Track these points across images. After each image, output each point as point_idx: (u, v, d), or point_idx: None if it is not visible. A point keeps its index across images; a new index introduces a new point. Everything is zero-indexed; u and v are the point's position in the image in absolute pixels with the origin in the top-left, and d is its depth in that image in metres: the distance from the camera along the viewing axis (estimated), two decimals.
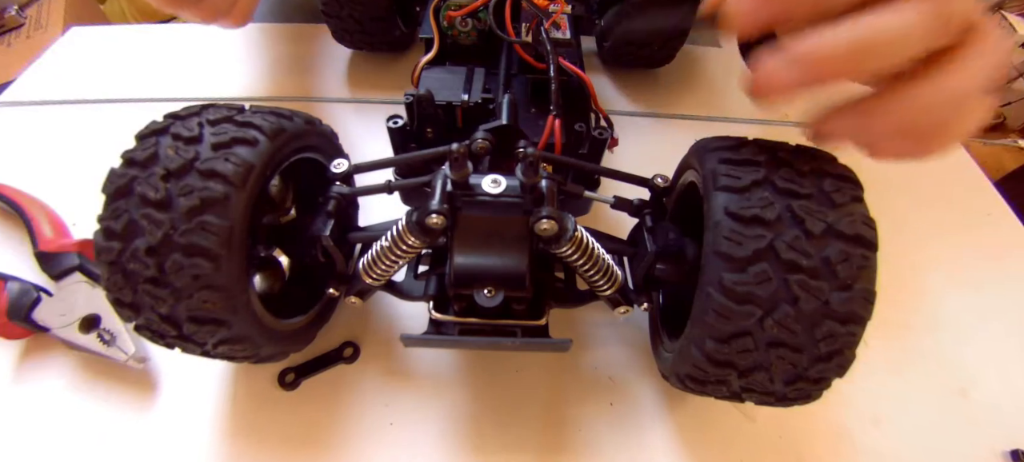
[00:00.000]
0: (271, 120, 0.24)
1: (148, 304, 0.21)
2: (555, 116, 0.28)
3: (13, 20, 1.02)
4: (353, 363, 0.31)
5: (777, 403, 0.23)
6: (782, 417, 0.30)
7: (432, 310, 0.27)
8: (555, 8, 0.33)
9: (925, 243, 0.39)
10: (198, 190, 0.20)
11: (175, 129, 0.22)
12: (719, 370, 0.21)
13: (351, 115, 0.46)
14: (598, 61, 0.50)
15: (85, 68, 0.50)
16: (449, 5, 0.34)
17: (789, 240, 0.19)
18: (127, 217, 0.21)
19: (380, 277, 0.26)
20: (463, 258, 0.24)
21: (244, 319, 0.23)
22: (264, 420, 0.29)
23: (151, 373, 0.31)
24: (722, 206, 0.20)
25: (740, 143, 0.23)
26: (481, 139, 0.26)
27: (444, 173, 0.24)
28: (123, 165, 0.21)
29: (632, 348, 0.32)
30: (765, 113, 0.47)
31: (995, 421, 0.31)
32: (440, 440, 0.29)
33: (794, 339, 0.20)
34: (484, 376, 0.31)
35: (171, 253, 0.20)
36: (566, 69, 0.31)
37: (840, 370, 0.21)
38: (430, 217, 0.23)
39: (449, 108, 0.31)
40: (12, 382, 0.30)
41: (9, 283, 0.31)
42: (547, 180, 0.23)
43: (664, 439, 0.29)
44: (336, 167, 0.27)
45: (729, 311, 0.20)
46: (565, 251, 0.24)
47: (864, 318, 0.20)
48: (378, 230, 0.27)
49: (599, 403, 0.30)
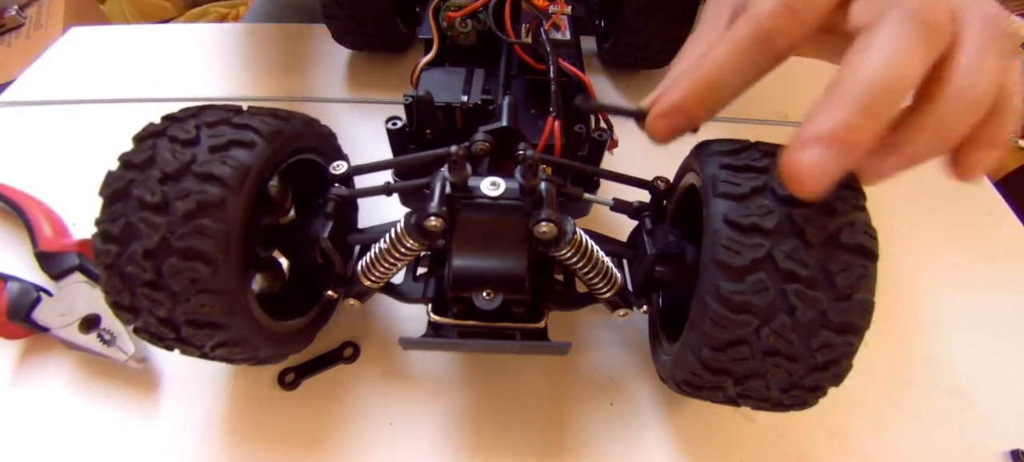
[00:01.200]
0: (269, 122, 0.24)
1: (146, 307, 0.21)
2: (555, 118, 0.28)
3: (13, 20, 1.02)
4: (353, 363, 0.31)
5: (773, 408, 0.23)
6: (782, 418, 0.29)
7: (431, 312, 0.26)
8: (555, 9, 0.33)
9: (925, 242, 0.39)
10: (195, 193, 0.20)
11: (172, 131, 0.22)
12: (715, 377, 0.21)
13: (350, 116, 0.46)
14: (598, 62, 0.50)
15: (85, 68, 0.50)
16: (449, 6, 0.34)
17: (787, 250, 0.19)
18: (124, 220, 0.21)
19: (379, 279, 0.26)
20: (462, 260, 0.24)
21: (242, 322, 0.23)
22: (264, 420, 0.29)
23: (151, 373, 0.31)
24: (721, 213, 0.20)
25: (741, 147, 0.23)
26: (480, 141, 0.26)
27: (443, 175, 0.24)
28: (120, 168, 0.21)
29: (631, 350, 0.32)
30: (765, 114, 0.47)
31: (995, 421, 0.31)
32: (440, 440, 0.29)
33: (790, 349, 0.20)
34: (484, 377, 0.31)
35: (168, 257, 0.20)
36: (566, 70, 0.31)
37: (836, 379, 0.21)
38: (429, 219, 0.22)
39: (448, 109, 0.31)
40: (12, 382, 0.30)
41: (9, 283, 0.31)
42: (546, 182, 0.23)
43: (664, 440, 0.29)
44: (335, 169, 0.27)
45: (726, 320, 0.20)
46: (564, 254, 0.24)
47: (862, 328, 0.19)
48: (377, 232, 0.27)
49: (599, 404, 0.30)
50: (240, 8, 1.05)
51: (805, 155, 0.17)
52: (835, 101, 0.17)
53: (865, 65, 0.17)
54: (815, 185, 0.17)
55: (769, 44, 0.19)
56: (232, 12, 1.06)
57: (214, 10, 1.07)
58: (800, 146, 0.17)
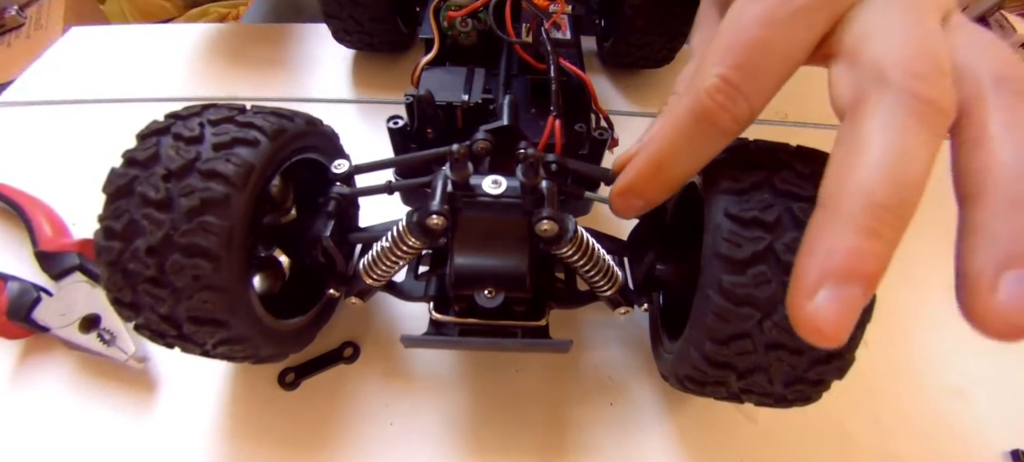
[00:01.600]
0: (272, 120, 0.24)
1: (148, 304, 0.21)
2: (555, 117, 0.28)
3: (13, 20, 1.02)
4: (353, 363, 0.31)
5: (776, 404, 0.23)
6: (782, 418, 0.30)
7: (432, 311, 0.27)
8: (555, 8, 0.33)
9: (925, 242, 0.39)
10: (199, 190, 0.20)
11: (176, 129, 0.22)
12: (718, 372, 0.21)
13: (351, 115, 0.46)
14: (598, 61, 0.50)
15: (85, 68, 0.50)
16: (449, 5, 0.34)
17: (788, 242, 0.19)
18: (128, 217, 0.21)
19: (380, 278, 0.26)
20: (464, 259, 0.24)
21: (244, 319, 0.23)
22: (264, 420, 0.29)
23: (151, 373, 0.31)
24: (722, 208, 0.20)
25: (740, 144, 0.23)
26: (481, 140, 0.26)
27: (444, 174, 0.24)
28: (124, 165, 0.21)
29: (632, 349, 0.32)
30: (765, 113, 0.47)
31: (995, 421, 0.31)
32: (440, 440, 0.29)
33: (793, 341, 0.20)
34: (484, 377, 0.31)
35: (171, 253, 0.20)
36: (566, 69, 0.31)
37: (839, 372, 0.21)
38: (431, 218, 0.23)
39: (449, 109, 0.31)
40: (12, 382, 0.30)
41: (9, 283, 0.31)
42: (547, 181, 0.23)
43: (664, 440, 0.29)
44: (337, 168, 0.28)
45: (728, 313, 0.20)
46: (565, 252, 0.24)
47: (864, 319, 0.20)
48: (378, 231, 0.27)
49: (599, 404, 0.30)
50: (240, 8, 1.05)
51: (818, 301, 0.14)
52: (837, 223, 0.14)
53: (861, 169, 0.14)
54: (837, 333, 0.13)
55: (712, 124, 0.17)
56: (232, 12, 1.06)
57: (214, 10, 1.07)
58: (808, 289, 0.14)
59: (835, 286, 0.13)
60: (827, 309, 0.13)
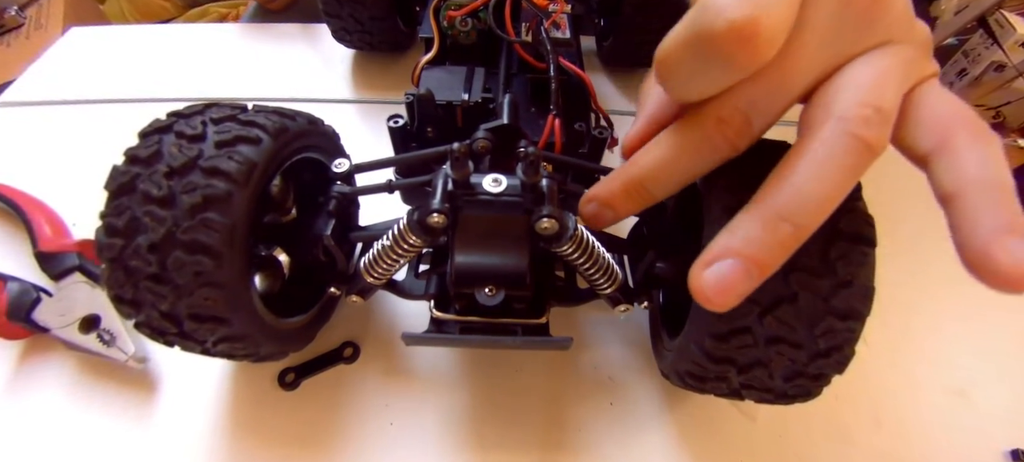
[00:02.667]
0: (274, 119, 0.24)
1: (149, 301, 0.21)
2: (555, 116, 0.28)
3: (13, 20, 1.02)
4: (353, 363, 0.31)
5: (777, 400, 0.23)
6: (782, 417, 0.30)
7: (433, 309, 0.27)
8: (555, 8, 0.33)
9: (925, 241, 0.39)
10: (201, 187, 0.20)
11: (179, 127, 0.22)
12: (719, 367, 0.22)
13: (352, 115, 0.46)
14: (598, 61, 0.50)
15: (85, 68, 0.50)
16: (449, 5, 0.35)
17: None
18: (130, 214, 0.21)
19: (381, 276, 0.26)
20: (464, 257, 0.24)
21: (245, 317, 0.23)
22: (264, 420, 0.29)
23: (151, 373, 0.31)
24: (721, 205, 0.20)
25: None
26: (482, 138, 0.26)
27: (445, 172, 0.24)
28: (126, 162, 0.21)
29: (632, 347, 0.32)
30: None
31: (995, 421, 0.31)
32: (440, 440, 0.29)
33: (793, 335, 0.20)
34: (484, 376, 0.31)
35: (173, 250, 0.20)
36: (566, 69, 0.31)
37: (839, 366, 0.21)
38: (431, 216, 0.23)
39: (449, 108, 0.31)
40: (12, 383, 0.30)
41: (9, 283, 0.31)
42: (547, 179, 0.24)
43: (664, 438, 0.29)
44: (337, 167, 0.28)
45: None
46: (565, 250, 0.24)
47: (863, 314, 0.20)
48: (379, 229, 0.28)
49: (599, 402, 0.30)
50: (240, 8, 1.05)
51: (711, 271, 0.17)
52: (750, 215, 0.17)
53: (781, 181, 0.17)
54: (720, 300, 0.17)
55: (714, 151, 0.19)
56: (232, 12, 1.06)
57: (214, 10, 1.07)
58: (706, 260, 0.17)
59: (729, 264, 0.17)
60: (715, 280, 0.17)
